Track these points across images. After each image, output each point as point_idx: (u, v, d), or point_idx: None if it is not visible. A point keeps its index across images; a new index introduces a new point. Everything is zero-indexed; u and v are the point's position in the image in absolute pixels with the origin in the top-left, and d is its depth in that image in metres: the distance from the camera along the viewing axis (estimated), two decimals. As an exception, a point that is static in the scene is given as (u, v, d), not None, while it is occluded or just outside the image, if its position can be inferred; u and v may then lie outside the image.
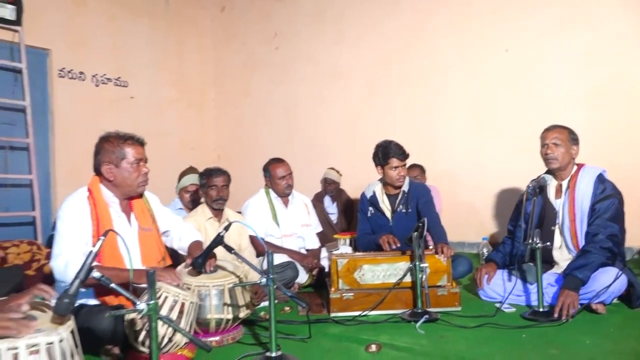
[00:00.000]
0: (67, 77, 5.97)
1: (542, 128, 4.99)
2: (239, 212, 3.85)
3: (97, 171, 2.51)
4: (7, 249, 4.18)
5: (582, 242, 2.89)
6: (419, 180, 5.52)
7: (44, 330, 1.40)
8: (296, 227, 3.79)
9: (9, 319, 1.34)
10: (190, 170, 4.33)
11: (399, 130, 6.06)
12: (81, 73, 6.11)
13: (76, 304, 1.94)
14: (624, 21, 4.69)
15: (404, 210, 3.51)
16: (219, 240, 2.30)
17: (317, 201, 5.79)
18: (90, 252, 1.65)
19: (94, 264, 1.71)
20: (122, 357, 2.15)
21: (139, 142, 2.56)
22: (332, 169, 5.94)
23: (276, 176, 3.72)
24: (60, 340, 1.40)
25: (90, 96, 6.17)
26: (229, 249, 2.33)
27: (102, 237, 1.69)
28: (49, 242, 4.83)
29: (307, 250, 3.81)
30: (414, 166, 5.63)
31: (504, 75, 5.36)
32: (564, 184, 3.03)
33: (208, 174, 3.38)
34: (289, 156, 6.88)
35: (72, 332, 1.53)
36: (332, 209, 5.81)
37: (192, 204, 4.18)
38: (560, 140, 2.96)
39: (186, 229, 2.71)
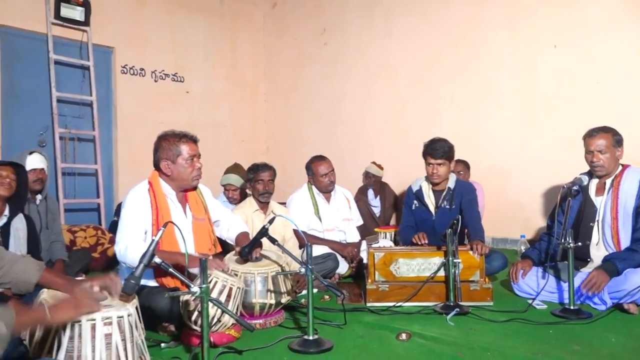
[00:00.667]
0: (129, 73, 6.39)
1: (590, 125, 4.97)
2: (284, 204, 4.06)
3: (157, 166, 2.77)
4: (75, 233, 4.62)
5: (622, 240, 2.94)
6: (462, 176, 5.60)
7: (114, 306, 1.66)
8: (338, 221, 3.98)
9: (91, 298, 1.60)
10: (233, 168, 4.52)
11: (445, 125, 6.13)
12: (141, 69, 6.51)
13: (139, 285, 2.21)
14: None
15: (447, 207, 3.63)
16: (263, 232, 2.53)
17: (361, 194, 5.95)
18: (153, 240, 1.90)
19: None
20: (177, 334, 2.42)
21: (193, 140, 2.80)
22: (374, 163, 6.06)
23: (318, 173, 3.91)
24: (128, 315, 1.66)
25: (149, 91, 6.58)
26: (273, 240, 2.55)
27: (163, 228, 1.94)
28: (111, 228, 5.27)
29: (348, 243, 3.98)
30: (458, 162, 5.66)
31: (552, 71, 5.31)
32: (608, 182, 3.07)
33: (255, 169, 3.59)
34: (334, 149, 7.14)
35: (136, 308, 1.79)
36: (375, 202, 5.95)
37: (231, 200, 4.42)
38: (605, 147, 3.00)
39: (234, 221, 2.95)
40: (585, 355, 2.15)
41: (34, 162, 3.61)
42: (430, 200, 3.71)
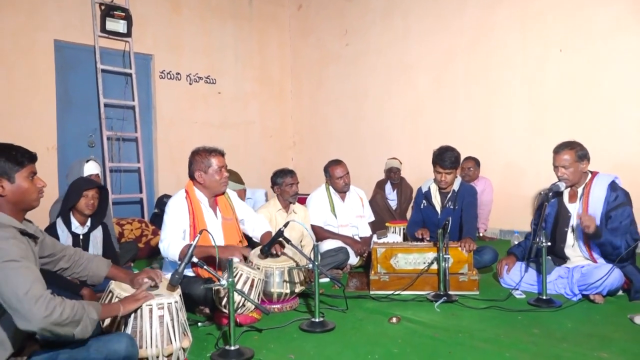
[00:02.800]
0: (167, 77, 7.00)
1: (595, 125, 5.35)
2: (308, 195, 4.58)
3: (192, 177, 3.32)
4: (123, 226, 5.26)
5: (592, 244, 3.35)
6: (472, 172, 6.01)
7: (165, 295, 2.22)
8: (351, 218, 4.50)
9: (145, 291, 2.18)
10: (230, 175, 4.96)
11: (460, 123, 6.53)
12: (177, 74, 7.12)
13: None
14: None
15: (452, 207, 4.09)
16: (279, 234, 3.08)
17: (379, 188, 6.42)
18: (191, 245, 2.45)
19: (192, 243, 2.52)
20: (211, 315, 3.00)
21: (221, 154, 3.34)
22: (395, 158, 6.48)
23: (335, 176, 4.42)
24: (175, 302, 2.22)
25: (185, 93, 7.19)
26: (287, 240, 3.10)
27: (199, 235, 2.50)
28: (152, 220, 5.93)
29: (361, 238, 4.49)
30: (469, 159, 6.10)
31: (560, 73, 5.62)
32: (579, 190, 3.47)
33: (283, 175, 4.13)
34: (357, 144, 7.65)
35: (180, 296, 2.35)
36: (392, 196, 6.40)
37: None
38: (568, 162, 3.37)
39: (259, 220, 3.49)
40: (540, 337, 2.62)
41: (90, 169, 4.20)
42: (437, 200, 4.17)
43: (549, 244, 3.22)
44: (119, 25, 6.34)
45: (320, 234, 4.30)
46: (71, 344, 1.88)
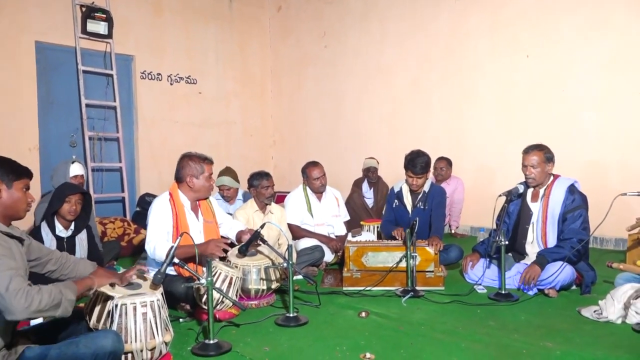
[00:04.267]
0: (148, 78, 7.12)
1: (559, 128, 5.61)
2: (288, 192, 4.77)
3: (180, 180, 3.44)
4: (105, 225, 5.39)
5: (550, 240, 3.61)
6: (444, 172, 6.26)
7: (148, 293, 2.39)
8: (327, 217, 4.70)
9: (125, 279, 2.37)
10: (226, 171, 5.06)
11: (434, 125, 6.78)
12: (159, 74, 7.24)
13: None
14: (637, 30, 5.10)
15: (422, 207, 4.31)
16: (256, 235, 3.27)
17: (356, 187, 6.63)
18: (172, 247, 2.63)
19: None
20: (192, 312, 3.18)
21: (211, 162, 3.50)
22: (372, 158, 6.66)
23: (312, 177, 4.61)
24: (157, 299, 2.39)
25: (166, 93, 7.32)
26: (263, 241, 3.30)
27: (179, 237, 2.68)
28: (134, 218, 6.06)
29: (336, 236, 4.70)
30: (441, 159, 6.35)
31: (527, 78, 5.90)
32: (541, 191, 3.72)
33: (259, 178, 4.29)
34: (335, 143, 7.86)
35: (162, 294, 2.53)
36: (369, 194, 6.61)
37: (226, 198, 5.08)
38: (536, 162, 3.62)
39: (235, 223, 3.67)
40: (494, 328, 2.86)
41: (75, 170, 4.36)
42: (408, 200, 4.39)
43: (507, 242, 3.46)
44: (100, 27, 6.44)
45: (297, 232, 4.50)
46: (61, 340, 2.06)
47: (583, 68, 5.47)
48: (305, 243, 4.37)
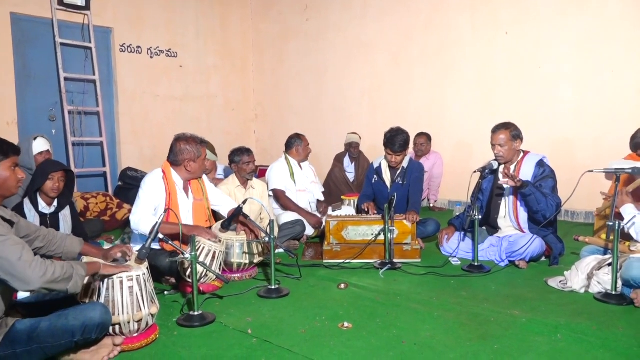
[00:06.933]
0: (127, 51, 7.03)
1: (536, 105, 5.72)
2: (268, 166, 4.92)
3: (176, 163, 3.46)
4: (88, 200, 5.40)
5: (520, 215, 3.76)
6: (424, 147, 6.38)
7: (134, 268, 2.48)
8: (307, 184, 4.91)
9: (119, 265, 2.43)
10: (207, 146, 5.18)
11: (415, 100, 6.87)
12: (138, 47, 7.15)
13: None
14: (613, 10, 5.20)
15: (400, 182, 4.43)
16: (239, 211, 3.35)
17: (337, 161, 6.71)
18: (157, 223, 2.70)
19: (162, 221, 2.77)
20: (176, 285, 3.27)
21: (206, 144, 3.55)
22: (355, 133, 6.74)
23: (305, 144, 4.92)
24: (143, 273, 2.47)
25: (146, 67, 7.25)
26: (246, 216, 3.38)
27: (163, 213, 2.76)
28: (117, 193, 6.08)
29: (317, 200, 4.95)
30: (421, 134, 6.47)
31: (505, 55, 5.99)
32: (512, 168, 3.85)
33: (240, 153, 4.34)
34: (317, 118, 7.91)
35: (147, 268, 2.61)
36: (350, 168, 6.71)
37: (206, 172, 5.13)
38: (504, 141, 3.74)
39: (225, 200, 3.74)
40: (466, 298, 3.02)
41: (39, 146, 4.19)
42: (387, 176, 4.50)
43: (481, 217, 3.61)
44: (77, -1, 6.32)
45: (282, 199, 4.63)
46: (50, 313, 2.14)
47: (559, 46, 5.58)
48: (287, 217, 4.48)
